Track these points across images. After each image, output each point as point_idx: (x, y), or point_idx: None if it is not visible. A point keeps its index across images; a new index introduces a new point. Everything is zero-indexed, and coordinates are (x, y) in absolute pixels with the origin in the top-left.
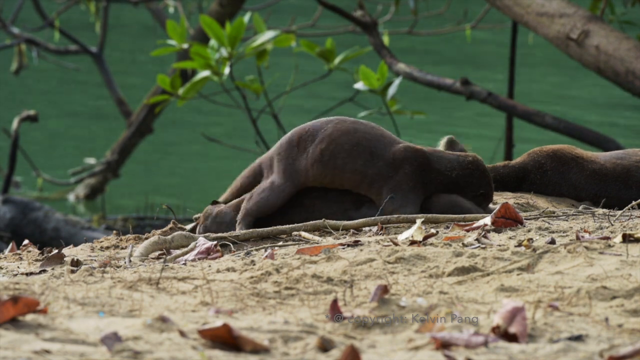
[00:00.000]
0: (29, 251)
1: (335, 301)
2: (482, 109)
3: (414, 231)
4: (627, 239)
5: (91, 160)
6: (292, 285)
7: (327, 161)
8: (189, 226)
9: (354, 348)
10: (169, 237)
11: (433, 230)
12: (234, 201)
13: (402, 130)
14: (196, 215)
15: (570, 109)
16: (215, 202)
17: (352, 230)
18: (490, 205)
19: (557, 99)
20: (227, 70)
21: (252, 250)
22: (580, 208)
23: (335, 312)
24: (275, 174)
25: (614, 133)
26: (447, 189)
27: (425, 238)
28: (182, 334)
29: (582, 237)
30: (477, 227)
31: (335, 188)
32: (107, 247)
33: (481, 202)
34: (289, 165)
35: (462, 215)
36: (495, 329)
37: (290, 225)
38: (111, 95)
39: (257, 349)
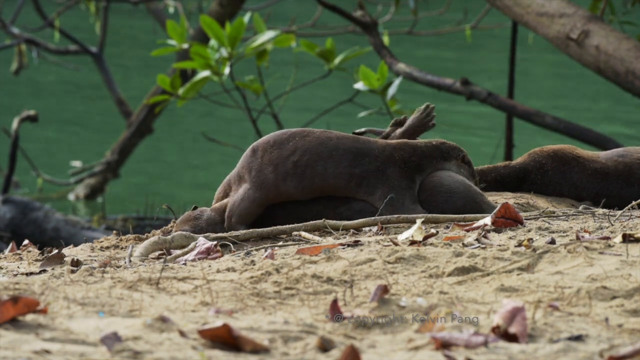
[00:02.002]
0: (29, 251)
1: (335, 301)
2: (482, 109)
3: (414, 231)
4: (627, 239)
5: (77, 163)
6: (292, 285)
7: (302, 172)
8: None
9: (354, 348)
10: (169, 237)
11: (433, 230)
12: (217, 205)
13: None
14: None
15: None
16: (195, 207)
17: (352, 230)
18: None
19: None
20: (227, 70)
21: (252, 250)
22: (580, 208)
23: (335, 312)
24: (246, 185)
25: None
26: (435, 160)
27: (425, 238)
28: (182, 334)
29: (582, 237)
30: (477, 227)
31: (315, 198)
32: (107, 247)
33: (468, 172)
34: (255, 177)
35: (462, 216)
36: (495, 329)
37: (290, 225)
38: (111, 95)
39: (257, 349)
